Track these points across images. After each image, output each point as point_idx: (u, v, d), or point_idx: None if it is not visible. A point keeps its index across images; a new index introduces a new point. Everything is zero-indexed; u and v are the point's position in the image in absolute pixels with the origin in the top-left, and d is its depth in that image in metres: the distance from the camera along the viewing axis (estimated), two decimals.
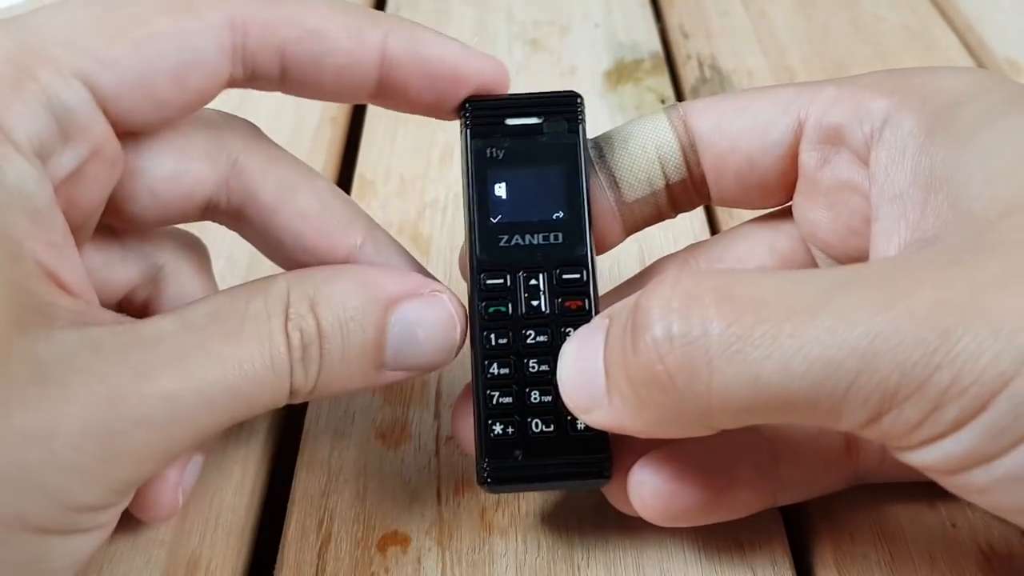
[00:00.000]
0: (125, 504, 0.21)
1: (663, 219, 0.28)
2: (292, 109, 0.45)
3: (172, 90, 0.22)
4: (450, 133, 0.44)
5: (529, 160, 0.25)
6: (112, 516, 0.21)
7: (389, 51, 0.24)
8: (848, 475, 0.27)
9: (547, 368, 0.24)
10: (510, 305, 0.24)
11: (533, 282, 0.24)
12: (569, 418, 0.24)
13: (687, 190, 0.27)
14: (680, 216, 0.28)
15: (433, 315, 0.24)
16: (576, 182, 0.25)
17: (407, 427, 0.31)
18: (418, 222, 0.39)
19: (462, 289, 0.25)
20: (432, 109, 0.25)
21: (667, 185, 0.26)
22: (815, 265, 0.27)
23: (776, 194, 0.27)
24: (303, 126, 0.45)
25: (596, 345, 0.22)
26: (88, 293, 0.22)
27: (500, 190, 0.25)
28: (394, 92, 0.25)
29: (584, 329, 0.22)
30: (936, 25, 0.51)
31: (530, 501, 0.28)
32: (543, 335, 0.24)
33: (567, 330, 0.24)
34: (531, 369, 0.24)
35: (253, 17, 0.23)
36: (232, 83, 0.23)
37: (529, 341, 0.24)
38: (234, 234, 0.27)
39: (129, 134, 0.23)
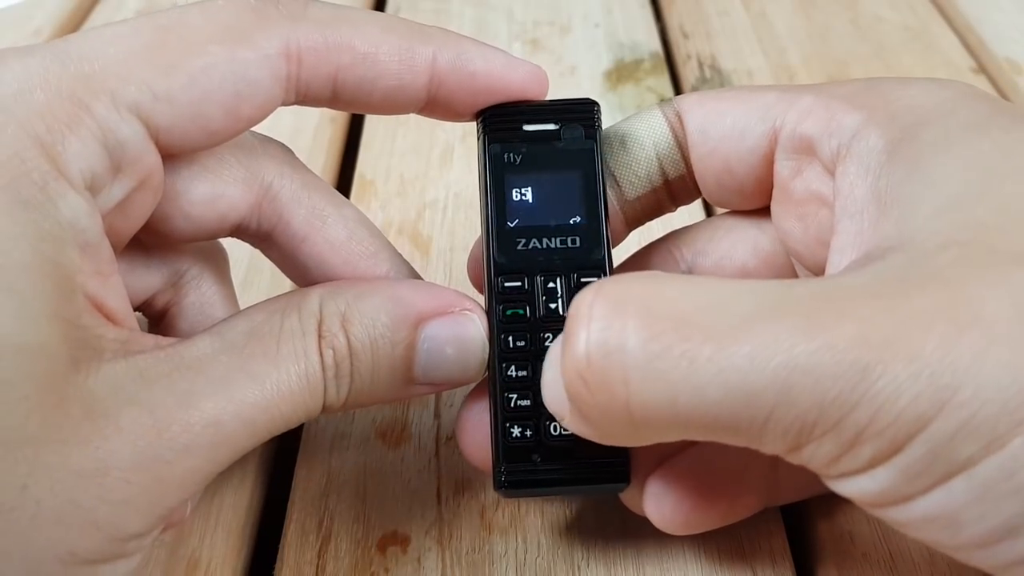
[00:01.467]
0: (164, 524, 0.21)
1: (664, 212, 0.28)
2: (292, 109, 0.45)
3: (225, 120, 0.22)
4: (450, 133, 0.44)
5: (546, 165, 0.25)
6: (154, 537, 0.21)
7: (438, 69, 0.24)
8: None
9: None
10: (528, 308, 0.24)
11: (551, 285, 0.24)
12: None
13: (685, 185, 0.27)
14: (680, 209, 0.28)
15: (463, 333, 0.24)
16: (594, 187, 0.25)
17: (407, 427, 0.31)
18: (418, 222, 0.39)
19: (465, 291, 0.25)
20: (472, 117, 0.26)
21: (666, 181, 0.27)
22: (795, 270, 0.27)
23: (753, 199, 0.26)
24: (303, 126, 0.45)
25: (558, 355, 0.21)
26: (130, 319, 0.22)
27: (517, 195, 0.25)
28: (441, 106, 0.25)
29: (561, 334, 0.22)
30: (936, 25, 0.51)
31: (530, 501, 0.28)
32: None
33: None
34: None
35: (307, 44, 0.22)
36: (282, 105, 0.23)
37: (547, 344, 0.24)
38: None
39: (170, 157, 0.23)
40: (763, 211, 0.27)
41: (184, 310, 0.27)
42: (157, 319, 0.27)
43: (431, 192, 0.41)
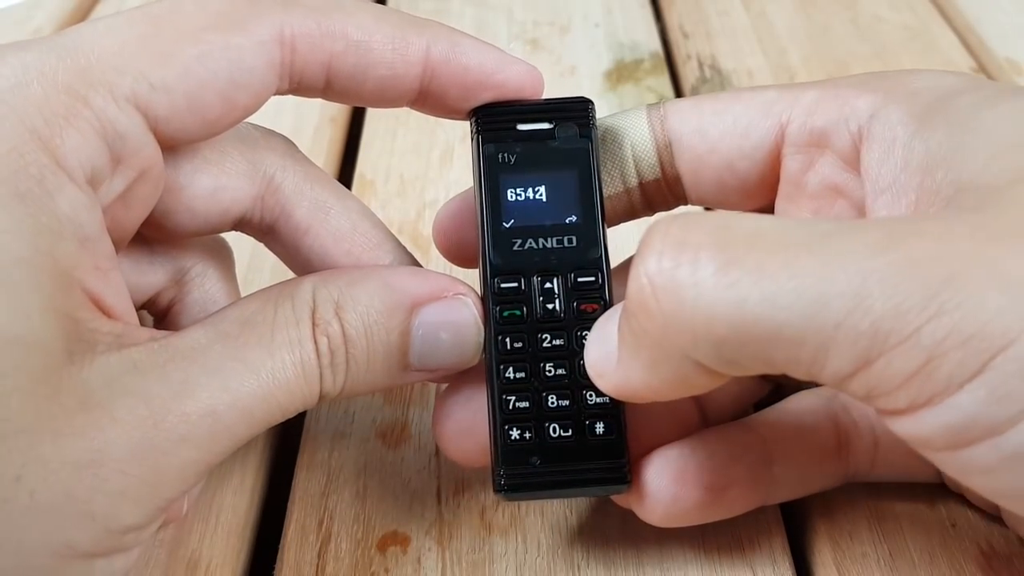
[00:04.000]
0: (163, 518, 0.21)
1: (637, 217, 0.28)
2: (292, 109, 0.45)
3: (221, 109, 0.22)
4: (450, 133, 0.44)
5: (541, 165, 0.25)
6: (152, 531, 0.21)
7: (431, 61, 0.24)
8: (840, 475, 0.27)
9: (564, 372, 0.24)
10: (525, 308, 0.24)
11: (548, 285, 0.24)
12: (587, 422, 0.24)
13: (661, 190, 0.27)
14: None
15: (456, 317, 0.24)
16: (589, 186, 0.25)
17: (407, 427, 0.31)
18: (418, 222, 0.39)
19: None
20: (465, 114, 0.26)
21: (640, 183, 0.26)
22: None
23: (755, 197, 0.26)
24: (303, 126, 0.45)
25: (613, 316, 0.22)
26: (128, 313, 0.22)
27: (512, 195, 0.25)
28: (433, 99, 0.25)
29: (607, 312, 0.23)
30: (936, 25, 0.51)
31: (530, 501, 0.28)
32: (559, 338, 0.24)
33: (583, 333, 0.24)
34: (548, 373, 0.24)
35: (300, 31, 0.22)
36: (276, 94, 0.23)
37: (545, 344, 0.24)
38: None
39: (170, 148, 0.23)
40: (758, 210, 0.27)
41: (188, 307, 0.27)
42: (161, 316, 0.27)
43: (431, 192, 0.41)
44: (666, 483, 0.24)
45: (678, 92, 0.48)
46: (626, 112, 0.27)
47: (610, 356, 0.21)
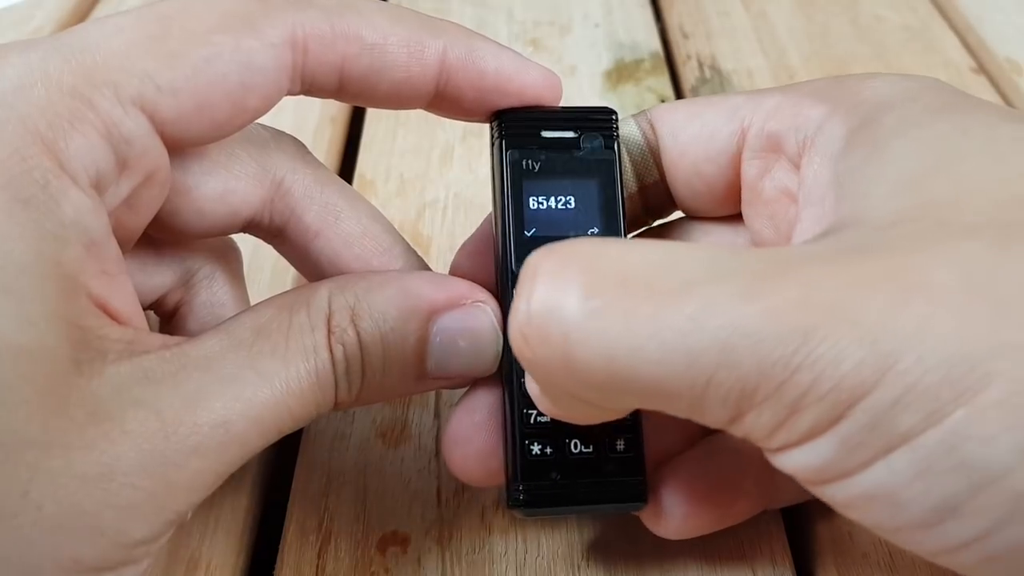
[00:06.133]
0: (174, 530, 0.21)
1: (640, 226, 0.28)
2: (292, 109, 0.45)
3: (230, 111, 0.21)
4: (450, 133, 0.44)
5: (566, 174, 0.25)
6: (163, 543, 0.21)
7: (447, 64, 0.23)
8: None
9: None
10: None
11: None
12: (607, 439, 0.23)
13: (659, 192, 0.27)
14: None
15: (475, 325, 0.23)
16: (613, 198, 0.25)
17: (407, 427, 0.31)
18: (418, 222, 0.39)
19: None
20: (480, 117, 0.25)
21: (641, 187, 0.26)
22: None
23: (724, 203, 0.26)
24: (303, 126, 0.45)
25: None
26: (137, 318, 0.22)
27: (535, 203, 0.24)
28: (448, 102, 0.24)
29: None
30: (936, 25, 0.51)
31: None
32: None
33: None
34: None
35: (313, 33, 0.22)
36: (287, 95, 0.23)
37: None
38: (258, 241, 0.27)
39: (177, 151, 0.22)
40: (738, 217, 0.27)
41: (195, 309, 0.26)
42: (168, 318, 0.27)
43: (431, 192, 0.41)
44: (679, 503, 0.24)
45: (678, 92, 0.48)
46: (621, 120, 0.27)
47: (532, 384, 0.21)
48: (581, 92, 0.47)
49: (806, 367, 0.17)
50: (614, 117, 0.25)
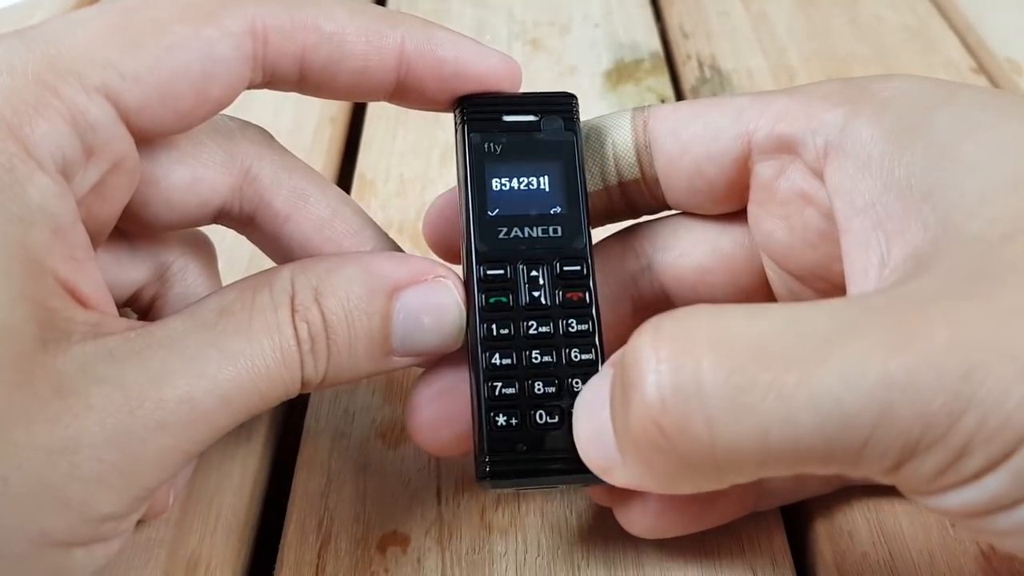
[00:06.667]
0: (144, 508, 0.21)
1: (617, 219, 0.28)
2: (292, 109, 0.45)
3: (194, 100, 0.22)
4: (450, 133, 0.43)
5: (526, 156, 0.25)
6: (132, 522, 0.21)
7: (406, 54, 0.24)
8: (834, 482, 0.27)
9: (550, 359, 0.24)
10: (511, 296, 0.24)
11: (534, 273, 0.24)
12: (574, 408, 0.24)
13: (641, 192, 0.27)
14: None
15: (438, 300, 0.24)
16: (574, 178, 0.25)
17: (407, 427, 0.31)
18: (418, 222, 0.39)
19: None
20: (446, 105, 0.26)
21: (620, 183, 0.26)
22: (756, 270, 0.26)
23: (724, 202, 0.26)
24: (303, 126, 0.45)
25: (603, 399, 0.21)
26: (106, 304, 0.22)
27: (497, 184, 0.25)
28: (411, 92, 0.25)
29: (593, 380, 0.22)
30: (936, 25, 0.51)
31: (530, 501, 0.28)
32: (545, 326, 0.24)
33: (570, 321, 0.24)
34: (534, 360, 0.24)
35: (272, 23, 0.22)
36: (249, 87, 0.23)
37: (532, 332, 0.24)
38: (235, 234, 0.27)
39: (144, 141, 0.23)
40: (727, 215, 0.27)
41: (170, 302, 0.27)
42: (144, 312, 0.27)
43: (431, 192, 0.41)
44: (652, 500, 0.24)
45: (678, 92, 0.48)
46: (613, 113, 0.27)
47: (610, 456, 0.20)
48: (581, 92, 0.46)
49: (972, 408, 0.17)
50: (574, 101, 0.26)
